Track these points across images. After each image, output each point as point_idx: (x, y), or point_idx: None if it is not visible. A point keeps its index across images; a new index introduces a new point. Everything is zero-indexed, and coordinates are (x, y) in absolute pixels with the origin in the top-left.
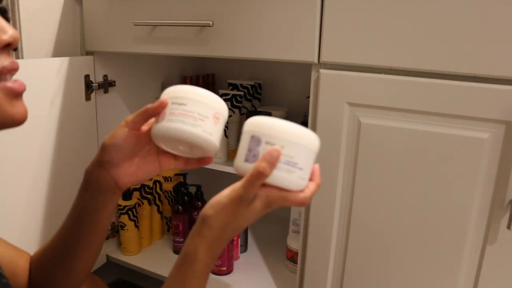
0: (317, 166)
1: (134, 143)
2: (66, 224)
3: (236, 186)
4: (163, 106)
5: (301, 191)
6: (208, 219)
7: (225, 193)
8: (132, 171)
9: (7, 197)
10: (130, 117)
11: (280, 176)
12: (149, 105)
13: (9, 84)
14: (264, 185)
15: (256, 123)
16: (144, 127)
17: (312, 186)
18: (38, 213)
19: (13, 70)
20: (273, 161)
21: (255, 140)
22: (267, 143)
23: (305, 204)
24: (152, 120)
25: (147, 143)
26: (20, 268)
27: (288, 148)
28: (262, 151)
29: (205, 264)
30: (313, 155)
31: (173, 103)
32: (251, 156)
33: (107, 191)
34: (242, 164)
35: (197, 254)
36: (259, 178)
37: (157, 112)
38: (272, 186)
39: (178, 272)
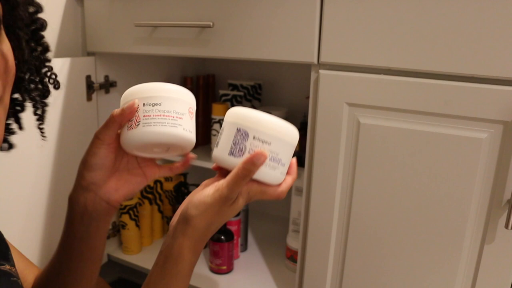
0: (294, 160)
1: (114, 157)
2: (58, 252)
3: (221, 185)
4: (133, 110)
5: (279, 185)
6: (192, 219)
7: (209, 193)
8: (121, 185)
9: (8, 197)
10: (99, 131)
11: (265, 172)
12: (116, 112)
13: None
14: None
15: (242, 116)
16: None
17: (289, 180)
18: (39, 213)
19: None
20: (260, 163)
21: (242, 134)
22: (254, 138)
23: (282, 198)
24: None
25: (124, 154)
26: (27, 283)
27: (275, 144)
28: (249, 146)
29: (190, 263)
30: (293, 149)
31: (144, 104)
32: (237, 150)
33: (101, 215)
34: (226, 157)
35: (182, 254)
36: (245, 178)
37: (128, 118)
38: (253, 180)
39: (162, 272)
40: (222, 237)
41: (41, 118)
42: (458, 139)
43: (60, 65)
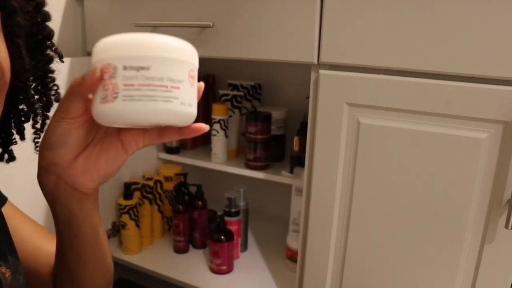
0: (201, 84)
1: (81, 133)
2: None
3: None
4: (96, 80)
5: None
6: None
7: None
8: (90, 165)
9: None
10: (60, 102)
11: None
12: (75, 82)
13: None
14: None
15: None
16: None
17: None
18: (40, 213)
19: None
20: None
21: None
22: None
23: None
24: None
25: (100, 126)
26: (48, 251)
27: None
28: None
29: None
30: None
31: (125, 67)
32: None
33: (70, 201)
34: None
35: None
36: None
37: (92, 89)
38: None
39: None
40: (222, 237)
41: (38, 132)
42: (458, 139)
43: (60, 65)
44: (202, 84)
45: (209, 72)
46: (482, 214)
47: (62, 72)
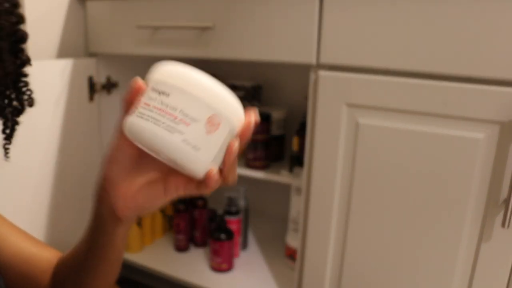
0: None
1: (132, 151)
2: (78, 245)
3: None
4: (135, 90)
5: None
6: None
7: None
8: (131, 194)
9: (11, 198)
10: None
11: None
12: (127, 92)
13: None
14: None
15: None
16: None
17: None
18: (41, 214)
19: None
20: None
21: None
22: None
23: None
24: None
25: (152, 159)
26: (44, 262)
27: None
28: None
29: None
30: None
31: (153, 89)
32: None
33: (106, 218)
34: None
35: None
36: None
37: (130, 99)
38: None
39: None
40: (223, 236)
41: (8, 137)
42: (455, 139)
43: (62, 66)
44: (235, 145)
45: (209, 73)
46: (479, 213)
47: (65, 73)
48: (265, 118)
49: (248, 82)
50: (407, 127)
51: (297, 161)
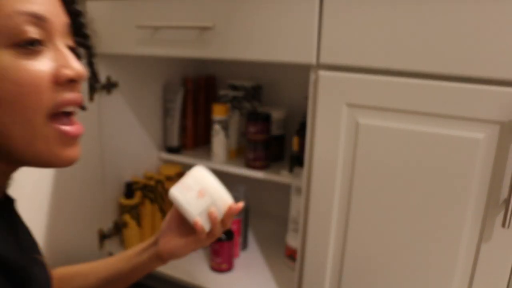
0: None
1: (176, 216)
2: (112, 260)
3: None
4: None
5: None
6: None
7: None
8: (171, 243)
9: None
10: None
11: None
12: None
13: (63, 127)
14: None
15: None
16: None
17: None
18: (41, 213)
19: (75, 103)
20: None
21: None
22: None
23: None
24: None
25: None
26: None
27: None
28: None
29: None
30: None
31: (186, 176)
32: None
33: (150, 256)
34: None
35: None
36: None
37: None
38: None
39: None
40: (222, 236)
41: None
42: (455, 139)
43: None
44: (214, 211)
45: (209, 73)
46: (479, 213)
47: None
48: (265, 118)
49: (248, 82)
50: (407, 127)
51: (297, 161)
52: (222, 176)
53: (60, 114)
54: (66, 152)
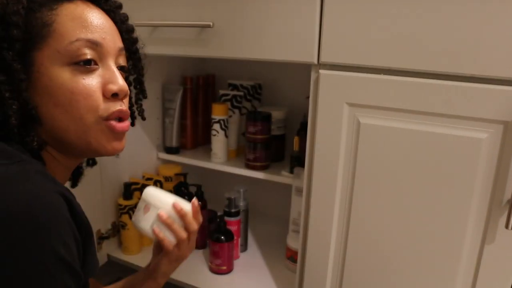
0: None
1: (157, 242)
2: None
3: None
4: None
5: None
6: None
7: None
8: (156, 262)
9: None
10: None
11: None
12: None
13: (112, 122)
14: None
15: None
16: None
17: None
18: None
19: (120, 116)
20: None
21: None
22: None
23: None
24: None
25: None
26: None
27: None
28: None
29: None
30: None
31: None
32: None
33: (145, 270)
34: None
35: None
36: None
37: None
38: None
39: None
40: (222, 237)
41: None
42: (458, 139)
43: None
44: (163, 216)
45: (209, 72)
46: (482, 214)
47: None
48: (265, 118)
49: (248, 81)
50: (409, 127)
51: (297, 161)
52: (222, 176)
53: (112, 119)
54: (112, 144)
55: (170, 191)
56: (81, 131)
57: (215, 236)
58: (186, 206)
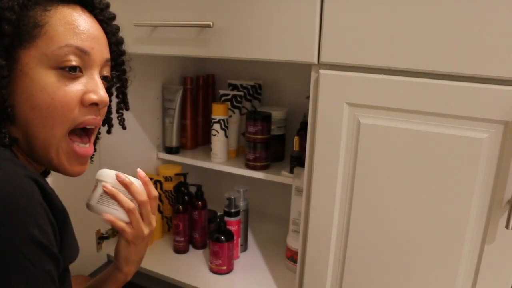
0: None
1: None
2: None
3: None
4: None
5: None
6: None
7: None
8: (119, 249)
9: None
10: None
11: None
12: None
13: (75, 146)
14: None
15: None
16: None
17: None
18: None
19: (92, 124)
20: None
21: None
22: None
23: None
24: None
25: None
26: None
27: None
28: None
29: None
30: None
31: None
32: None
33: (110, 268)
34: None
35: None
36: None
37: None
38: None
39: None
40: (222, 237)
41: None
42: (458, 139)
43: None
44: (106, 187)
45: (209, 72)
46: (482, 214)
47: None
48: (265, 118)
49: (248, 81)
50: (409, 127)
51: (297, 161)
52: (222, 176)
53: (79, 130)
54: (72, 167)
55: (170, 191)
56: (48, 143)
57: (215, 236)
58: (132, 178)
